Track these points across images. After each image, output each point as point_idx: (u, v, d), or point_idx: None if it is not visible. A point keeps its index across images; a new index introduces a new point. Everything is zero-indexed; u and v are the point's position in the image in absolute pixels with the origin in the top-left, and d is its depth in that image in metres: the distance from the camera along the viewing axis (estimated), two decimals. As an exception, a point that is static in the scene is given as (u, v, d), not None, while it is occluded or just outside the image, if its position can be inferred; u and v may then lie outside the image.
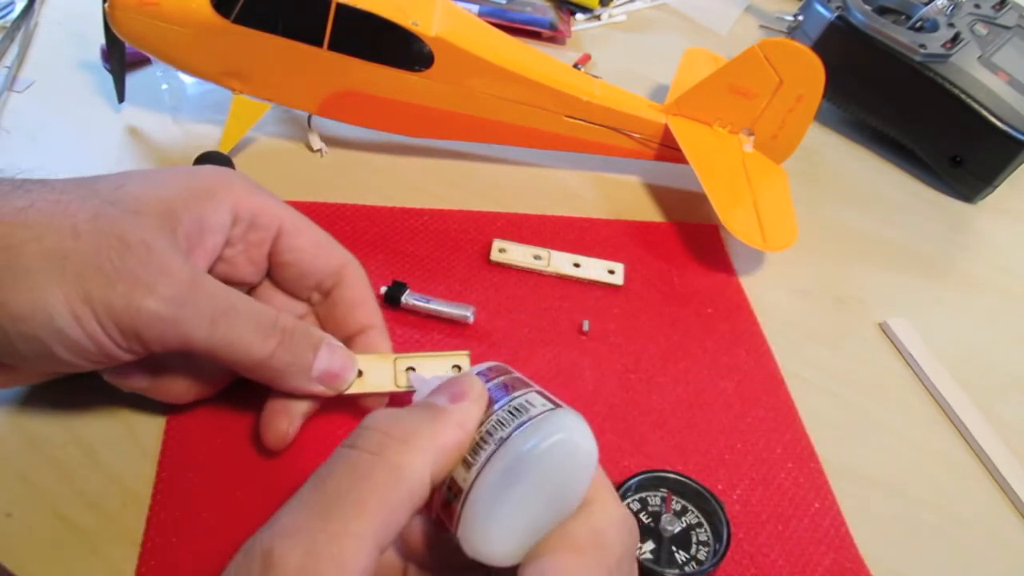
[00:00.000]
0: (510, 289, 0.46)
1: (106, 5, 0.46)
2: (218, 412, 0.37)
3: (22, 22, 0.59)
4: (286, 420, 0.35)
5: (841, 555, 0.37)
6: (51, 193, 0.30)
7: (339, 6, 0.46)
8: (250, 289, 0.38)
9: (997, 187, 0.62)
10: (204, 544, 0.33)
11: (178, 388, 0.35)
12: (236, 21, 0.46)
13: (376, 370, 0.36)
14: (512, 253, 0.48)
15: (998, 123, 0.59)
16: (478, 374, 0.29)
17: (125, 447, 0.36)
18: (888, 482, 0.41)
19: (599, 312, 0.46)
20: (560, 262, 0.48)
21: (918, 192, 0.63)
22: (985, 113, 0.59)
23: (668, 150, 0.54)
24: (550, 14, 0.70)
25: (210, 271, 0.35)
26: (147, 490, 0.34)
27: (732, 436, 0.41)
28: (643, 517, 0.36)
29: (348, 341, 0.36)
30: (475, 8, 0.68)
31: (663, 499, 0.37)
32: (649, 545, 0.35)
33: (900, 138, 0.64)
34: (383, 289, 0.43)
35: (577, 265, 0.48)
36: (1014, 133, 0.59)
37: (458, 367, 0.37)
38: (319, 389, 0.35)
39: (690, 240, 0.52)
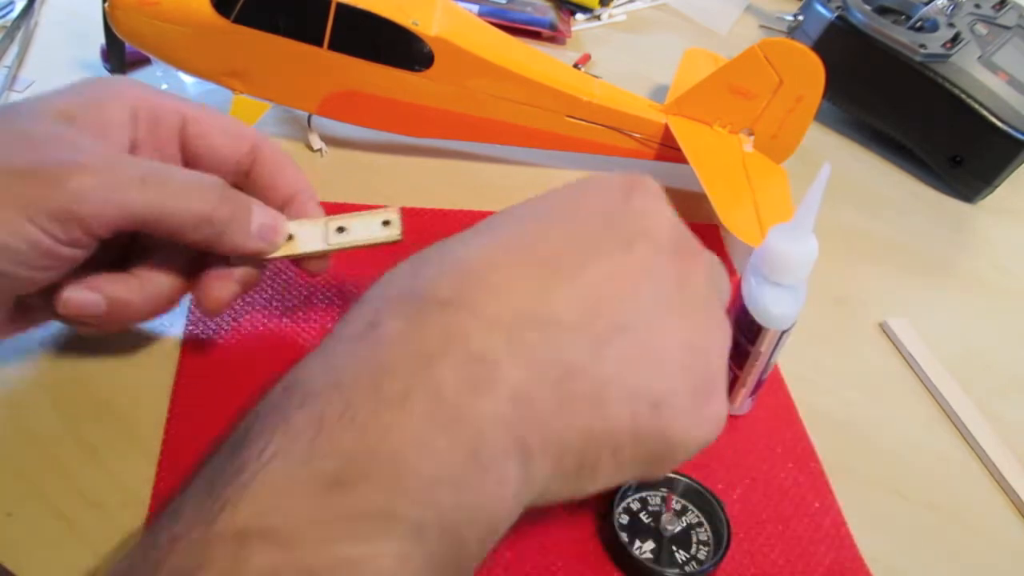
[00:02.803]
0: (510, 289, 0.46)
1: (106, 5, 0.46)
2: (218, 412, 0.37)
3: (22, 22, 0.59)
4: (220, 285, 0.35)
5: (841, 555, 0.37)
6: None
7: (339, 6, 0.46)
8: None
9: (997, 187, 0.62)
10: (204, 544, 0.33)
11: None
12: (236, 21, 0.46)
13: (307, 233, 0.36)
14: (512, 253, 0.48)
15: (998, 123, 0.59)
16: None
17: (125, 447, 0.36)
18: (888, 482, 0.41)
19: (599, 312, 0.46)
20: (560, 262, 0.48)
21: (918, 192, 0.63)
22: (985, 113, 0.59)
23: (668, 150, 0.54)
24: (550, 14, 0.70)
25: None
26: (147, 490, 0.34)
27: (732, 436, 0.41)
28: (643, 517, 0.36)
29: (280, 211, 0.37)
30: (475, 8, 0.68)
31: (663, 499, 0.37)
32: (649, 545, 0.35)
33: (900, 138, 0.64)
34: (383, 289, 0.43)
35: (577, 265, 0.48)
36: (1014, 133, 0.59)
37: (388, 223, 0.37)
38: (259, 245, 0.35)
39: (690, 240, 0.52)
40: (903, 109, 0.63)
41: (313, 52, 0.47)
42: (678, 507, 0.37)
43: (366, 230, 0.37)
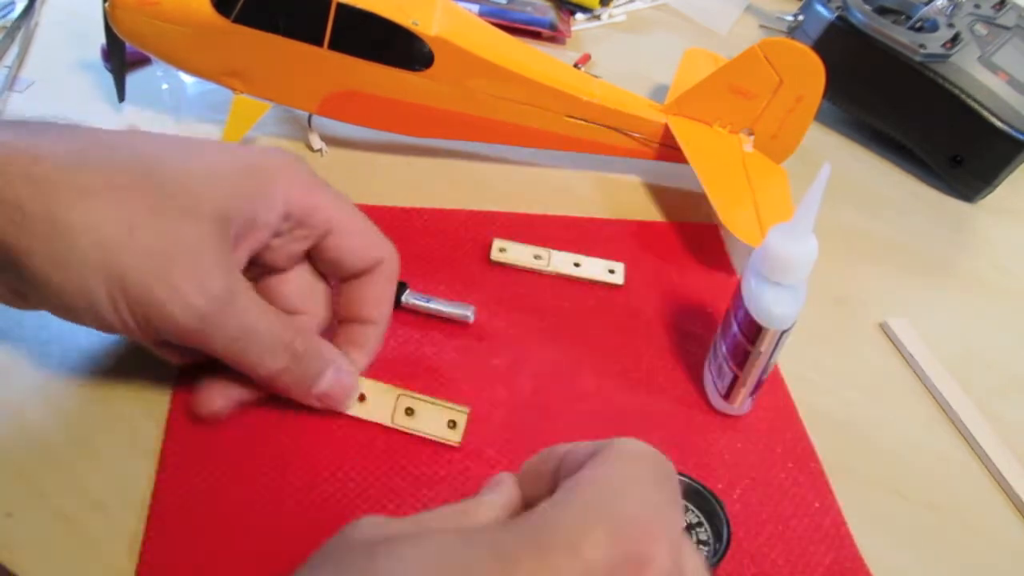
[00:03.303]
0: (510, 289, 0.46)
1: (106, 5, 0.46)
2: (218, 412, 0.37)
3: (22, 22, 0.59)
4: (221, 401, 0.36)
5: (841, 555, 0.37)
6: (109, 168, 0.31)
7: (339, 6, 0.46)
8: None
9: (997, 187, 0.62)
10: (204, 544, 0.33)
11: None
12: (236, 21, 0.46)
13: (378, 401, 0.38)
14: (512, 253, 0.48)
15: (998, 123, 0.59)
16: None
17: (125, 447, 0.36)
18: (888, 482, 0.41)
19: (599, 312, 0.46)
20: (560, 262, 0.48)
21: (918, 192, 0.63)
22: (985, 113, 0.59)
23: (668, 150, 0.54)
24: (550, 14, 0.70)
25: (251, 261, 0.36)
26: (147, 490, 0.34)
27: (732, 436, 0.41)
28: None
29: (345, 325, 0.39)
30: (475, 8, 0.68)
31: None
32: None
33: (900, 138, 0.64)
34: (383, 289, 0.43)
35: (577, 265, 0.48)
36: (1014, 133, 0.59)
37: (453, 423, 0.38)
38: (316, 405, 0.37)
39: (690, 240, 0.52)
40: (903, 109, 0.63)
41: (313, 52, 0.47)
42: None
43: (431, 424, 0.38)
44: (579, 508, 0.23)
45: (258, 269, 0.38)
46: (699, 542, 0.35)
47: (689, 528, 0.36)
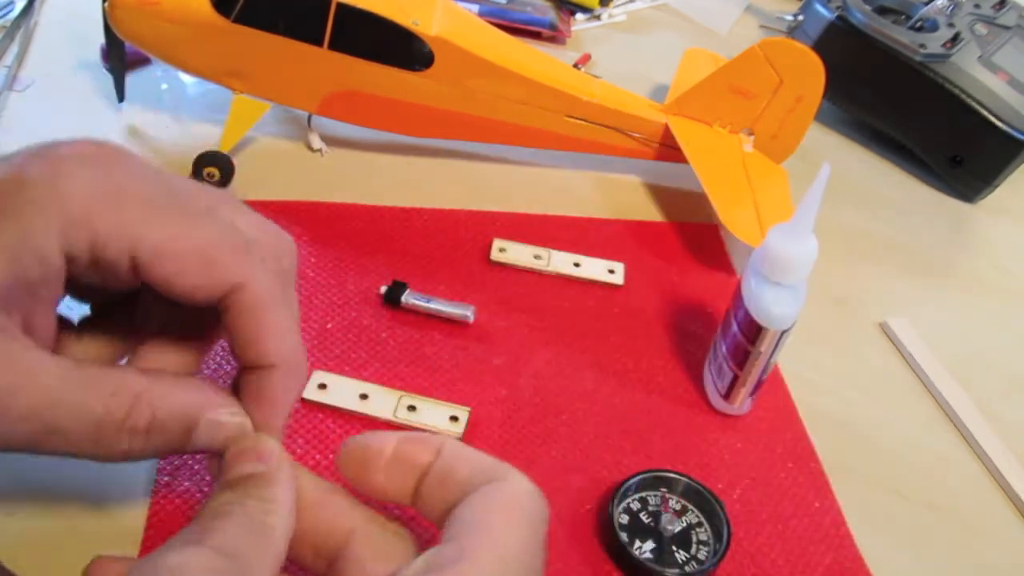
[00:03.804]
0: (510, 289, 0.46)
1: (106, 5, 0.45)
2: (218, 412, 0.37)
3: (22, 22, 0.59)
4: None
5: (841, 555, 0.37)
6: None
7: (339, 5, 0.46)
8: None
9: (997, 187, 0.62)
10: (204, 544, 0.33)
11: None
12: (236, 21, 0.46)
13: (380, 400, 0.38)
14: (512, 253, 0.48)
15: (998, 123, 0.59)
16: None
17: (125, 447, 0.36)
18: (888, 482, 0.41)
19: (599, 312, 0.46)
20: (560, 262, 0.48)
21: (918, 192, 0.63)
22: (985, 113, 0.59)
23: (668, 150, 0.54)
24: (550, 14, 0.70)
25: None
26: (147, 490, 0.34)
27: (732, 436, 0.41)
28: (643, 517, 0.36)
29: (245, 375, 0.28)
30: (475, 8, 0.68)
31: (663, 499, 0.37)
32: (649, 544, 0.35)
33: (900, 138, 0.64)
34: (383, 289, 0.43)
35: (577, 265, 0.48)
36: (1014, 133, 0.59)
37: (455, 417, 0.38)
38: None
39: (690, 240, 0.52)
40: (903, 109, 0.63)
41: (313, 52, 0.47)
42: (678, 507, 0.37)
43: (434, 418, 0.38)
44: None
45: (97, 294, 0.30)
46: (699, 542, 0.36)
47: (689, 528, 0.36)
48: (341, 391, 0.39)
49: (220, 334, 0.30)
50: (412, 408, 0.38)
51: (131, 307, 0.30)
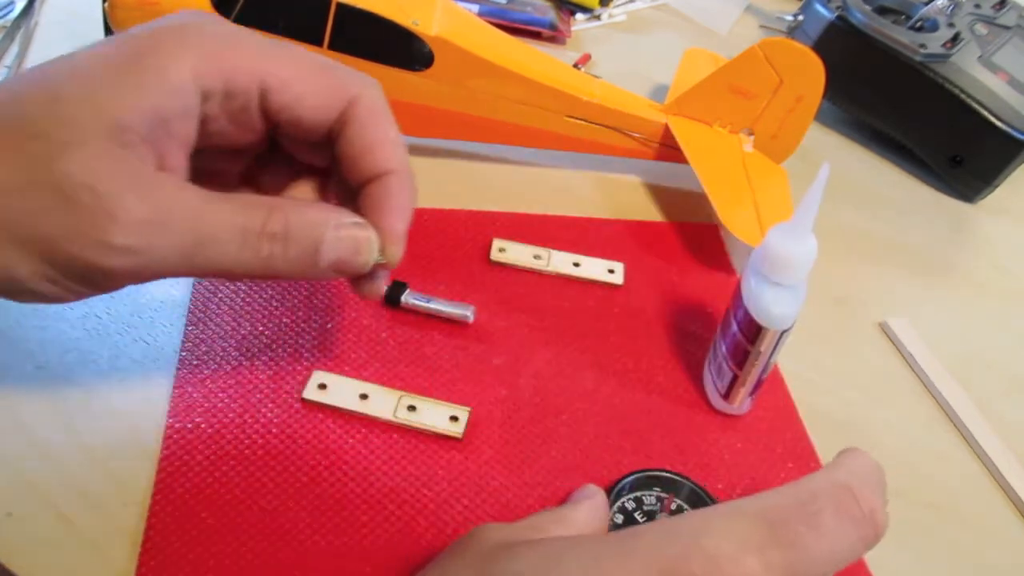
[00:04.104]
0: (510, 289, 0.46)
1: (106, 5, 0.46)
2: (218, 412, 0.37)
3: (22, 22, 0.59)
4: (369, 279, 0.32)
5: (841, 555, 0.37)
6: None
7: (339, 5, 0.46)
8: (260, 154, 0.35)
9: (997, 187, 0.62)
10: (204, 544, 0.33)
11: None
12: (236, 21, 0.46)
13: (380, 400, 0.38)
14: (512, 253, 0.48)
15: (998, 123, 0.59)
16: None
17: (125, 447, 0.36)
18: (888, 482, 0.41)
19: (599, 312, 0.46)
20: (560, 262, 0.48)
21: (918, 192, 0.63)
22: (985, 113, 0.59)
23: (668, 150, 0.54)
24: (550, 14, 0.70)
25: (197, 150, 0.31)
26: (147, 490, 0.34)
27: (732, 436, 0.41)
28: (638, 516, 0.36)
29: (364, 188, 0.32)
30: (475, 8, 0.68)
31: (659, 499, 0.37)
32: None
33: (900, 138, 0.64)
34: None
35: (577, 265, 0.48)
36: (1014, 133, 0.59)
37: (455, 417, 0.38)
38: (336, 276, 0.32)
39: (690, 240, 0.52)
40: (903, 109, 0.63)
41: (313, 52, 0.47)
42: (674, 507, 0.37)
43: (434, 419, 0.38)
44: (664, 529, 0.26)
45: (232, 162, 0.33)
46: None
47: None
48: (341, 391, 0.39)
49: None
50: (412, 408, 0.38)
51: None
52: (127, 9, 0.45)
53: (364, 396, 0.39)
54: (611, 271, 0.48)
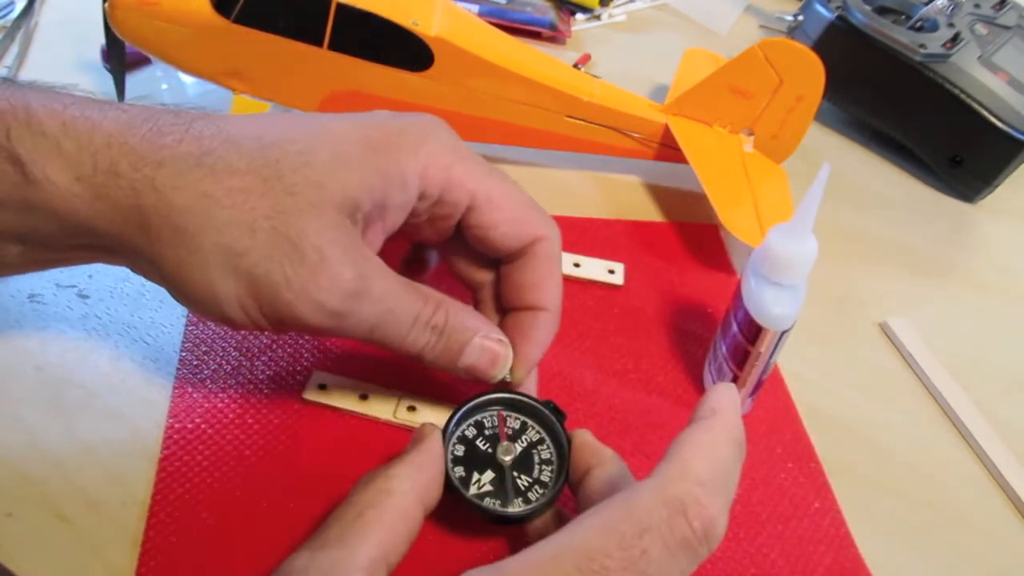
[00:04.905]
0: (510, 289, 0.46)
1: (106, 5, 0.46)
2: (218, 412, 0.37)
3: (22, 22, 0.59)
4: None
5: (841, 555, 0.37)
6: (229, 169, 0.30)
7: (339, 6, 0.46)
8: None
9: (997, 187, 0.62)
10: (204, 544, 0.33)
11: None
12: (236, 21, 0.46)
13: (380, 400, 0.39)
14: (512, 253, 0.48)
15: (998, 123, 0.59)
16: None
17: (125, 447, 0.36)
18: (888, 482, 0.41)
19: (599, 312, 0.46)
20: (560, 262, 0.48)
21: (918, 192, 0.63)
22: (985, 113, 0.59)
23: (668, 150, 0.54)
24: (550, 14, 0.70)
25: (389, 238, 0.35)
26: (147, 490, 0.34)
27: (732, 436, 0.41)
28: (480, 444, 0.34)
29: (516, 313, 0.37)
30: (475, 8, 0.68)
31: (499, 419, 0.35)
32: (488, 475, 0.33)
33: (900, 138, 0.64)
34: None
35: (577, 265, 0.48)
36: (1014, 133, 0.59)
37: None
38: (464, 376, 0.35)
39: (690, 240, 0.52)
40: (903, 109, 0.63)
41: (313, 52, 0.47)
42: (516, 425, 0.35)
43: (434, 419, 0.38)
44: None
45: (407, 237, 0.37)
46: (542, 461, 0.34)
47: (531, 448, 0.34)
48: (341, 391, 0.39)
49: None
50: (412, 408, 0.38)
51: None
52: (127, 9, 0.45)
53: (364, 396, 0.39)
54: (611, 271, 0.48)
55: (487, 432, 0.35)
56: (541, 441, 0.35)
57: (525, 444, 0.35)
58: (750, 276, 0.38)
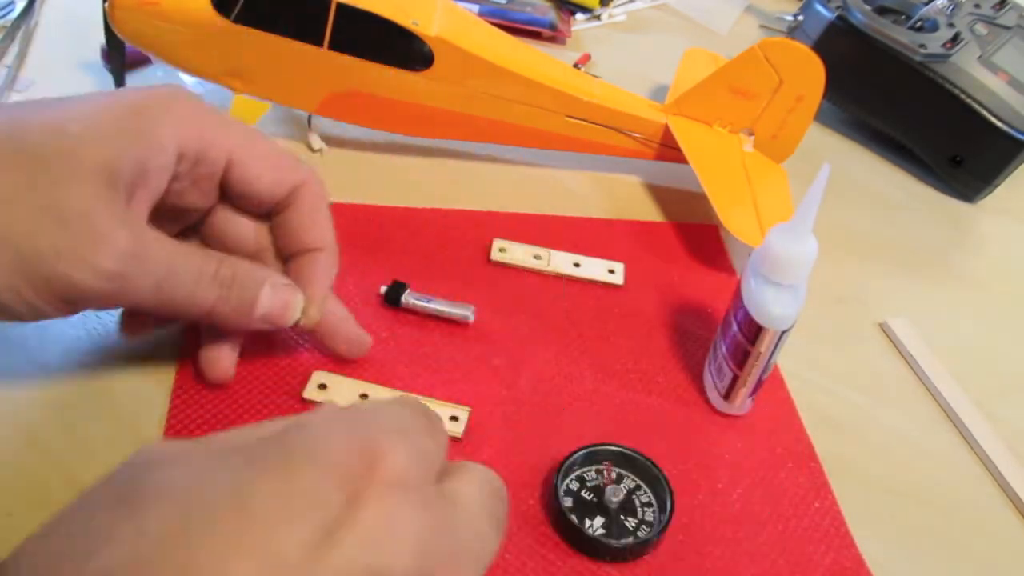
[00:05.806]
0: (510, 289, 0.46)
1: (106, 5, 0.46)
2: (217, 412, 0.37)
3: (22, 22, 0.59)
4: (228, 359, 0.37)
5: (841, 555, 0.37)
6: None
7: (339, 6, 0.46)
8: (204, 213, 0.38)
9: (997, 187, 0.62)
10: (204, 544, 0.33)
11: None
12: (236, 21, 0.46)
13: (343, 392, 0.39)
14: (512, 253, 0.48)
15: (998, 123, 0.59)
16: None
17: (125, 447, 0.35)
18: (888, 482, 0.41)
19: (599, 312, 0.46)
20: (560, 262, 0.48)
21: (918, 192, 0.63)
22: (985, 113, 0.59)
23: (668, 150, 0.54)
24: (550, 14, 0.70)
25: (157, 205, 0.34)
26: (147, 490, 0.34)
27: (732, 436, 0.41)
28: (584, 494, 0.36)
29: (296, 258, 0.37)
30: (475, 8, 0.68)
31: (599, 472, 0.37)
32: (599, 520, 0.36)
33: (900, 138, 0.64)
34: (383, 289, 0.43)
35: (577, 265, 0.48)
36: (1014, 133, 0.59)
37: (455, 417, 0.38)
38: (262, 327, 0.36)
39: (690, 240, 0.52)
40: (903, 109, 0.63)
41: (313, 52, 0.47)
42: (615, 475, 0.37)
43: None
44: (325, 421, 0.23)
45: (174, 222, 0.37)
46: (643, 504, 0.36)
47: (630, 493, 0.37)
48: (341, 391, 0.39)
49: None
50: None
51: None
52: (127, 9, 0.45)
53: (364, 396, 0.39)
54: (611, 271, 0.48)
55: (589, 484, 0.37)
56: (639, 488, 0.37)
57: (625, 491, 0.37)
58: (750, 276, 0.38)
